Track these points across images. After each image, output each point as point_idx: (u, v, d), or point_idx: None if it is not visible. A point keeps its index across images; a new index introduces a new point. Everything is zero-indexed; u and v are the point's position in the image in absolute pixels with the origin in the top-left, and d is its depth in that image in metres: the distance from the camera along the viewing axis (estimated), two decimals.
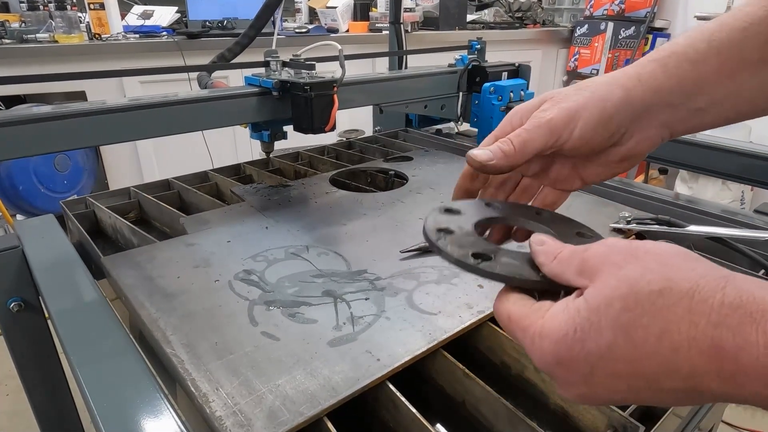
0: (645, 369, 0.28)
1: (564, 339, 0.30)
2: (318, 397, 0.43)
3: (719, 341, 0.25)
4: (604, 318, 0.29)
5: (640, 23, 2.95)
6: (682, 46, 0.41)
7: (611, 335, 0.28)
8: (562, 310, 0.31)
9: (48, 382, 0.76)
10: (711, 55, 0.40)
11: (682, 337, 0.26)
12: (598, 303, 0.29)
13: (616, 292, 0.29)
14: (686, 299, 0.27)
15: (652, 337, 0.27)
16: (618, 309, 0.28)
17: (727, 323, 0.25)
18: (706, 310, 0.26)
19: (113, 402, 0.43)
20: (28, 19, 2.20)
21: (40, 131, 0.68)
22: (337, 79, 0.85)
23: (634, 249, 0.30)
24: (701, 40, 0.40)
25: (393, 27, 1.41)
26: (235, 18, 2.42)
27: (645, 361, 0.28)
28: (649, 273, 0.29)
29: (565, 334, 0.30)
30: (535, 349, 0.31)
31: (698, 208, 0.82)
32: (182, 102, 0.79)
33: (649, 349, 0.27)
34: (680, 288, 0.27)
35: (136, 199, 0.91)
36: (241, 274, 0.63)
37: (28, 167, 2.10)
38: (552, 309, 0.31)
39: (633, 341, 0.28)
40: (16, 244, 0.67)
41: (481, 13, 3.23)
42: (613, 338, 0.28)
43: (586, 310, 0.30)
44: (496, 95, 1.14)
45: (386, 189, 0.98)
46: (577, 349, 0.29)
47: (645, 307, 0.28)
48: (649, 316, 0.28)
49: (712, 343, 0.26)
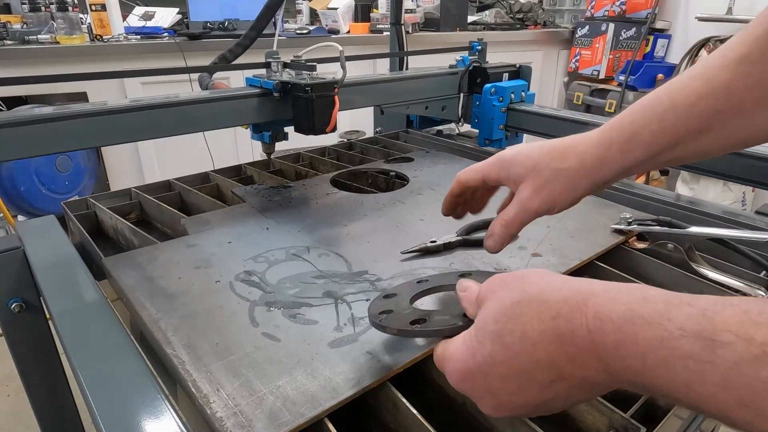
0: (519, 366, 0.34)
1: (461, 357, 0.38)
2: (319, 398, 0.43)
3: (558, 330, 0.32)
4: (484, 333, 0.36)
5: (641, 24, 2.94)
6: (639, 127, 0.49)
7: (490, 345, 0.36)
8: (461, 335, 0.39)
9: (49, 383, 0.76)
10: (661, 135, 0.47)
11: (535, 332, 0.33)
12: (480, 323, 0.37)
13: (490, 311, 0.37)
14: (535, 302, 0.34)
15: (516, 338, 0.34)
16: (491, 323, 0.36)
17: (562, 314, 0.32)
18: (548, 308, 0.33)
19: (114, 403, 0.43)
20: (29, 20, 2.20)
21: (41, 132, 0.68)
22: (338, 80, 0.85)
23: (505, 276, 0.39)
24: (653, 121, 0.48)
25: (394, 28, 1.41)
26: (236, 19, 2.43)
27: (516, 359, 0.34)
28: (512, 290, 0.37)
29: (461, 353, 0.38)
30: (447, 373, 0.39)
31: (699, 209, 0.82)
32: (183, 103, 0.79)
33: (516, 349, 0.34)
34: (530, 295, 0.35)
35: (137, 200, 0.91)
36: (242, 275, 0.63)
37: (30, 168, 2.10)
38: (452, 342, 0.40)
39: (505, 345, 0.35)
40: (17, 245, 0.67)
41: (481, 14, 3.23)
42: (491, 347, 0.35)
43: (474, 329, 0.38)
44: (497, 96, 1.14)
45: (387, 190, 0.98)
46: (470, 363, 0.37)
47: (508, 315, 0.35)
48: (512, 322, 0.35)
49: (555, 333, 0.33)
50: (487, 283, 0.40)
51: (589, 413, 0.46)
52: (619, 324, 0.30)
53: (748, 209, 2.57)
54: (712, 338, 0.26)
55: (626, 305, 0.30)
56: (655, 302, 0.29)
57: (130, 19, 2.44)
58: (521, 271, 0.39)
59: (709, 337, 0.26)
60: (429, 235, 0.74)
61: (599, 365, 0.31)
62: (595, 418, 0.45)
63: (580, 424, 0.46)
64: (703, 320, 0.27)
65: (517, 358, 0.34)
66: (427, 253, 0.69)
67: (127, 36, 2.25)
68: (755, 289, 0.62)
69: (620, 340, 0.29)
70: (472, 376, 0.37)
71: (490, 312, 0.37)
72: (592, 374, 0.32)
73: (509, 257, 0.68)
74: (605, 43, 3.03)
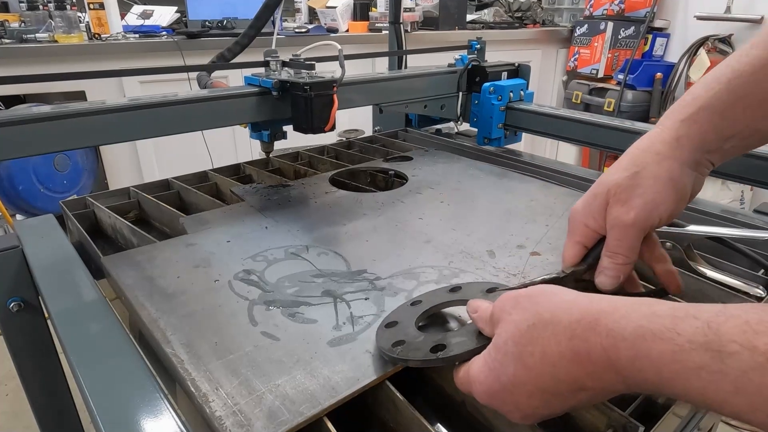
0: (543, 385, 0.36)
1: (486, 380, 0.39)
2: (318, 397, 0.43)
3: (575, 349, 0.34)
4: (505, 355, 0.38)
5: (639, 23, 2.94)
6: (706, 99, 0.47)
7: (512, 367, 0.37)
8: (481, 356, 0.41)
9: (47, 382, 0.76)
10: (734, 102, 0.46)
11: (554, 354, 0.35)
12: (499, 344, 0.39)
13: (508, 334, 0.39)
14: (550, 326, 0.36)
15: (537, 359, 0.36)
16: (511, 345, 0.38)
17: (577, 335, 0.34)
18: (562, 330, 0.35)
19: (113, 402, 0.43)
20: (27, 18, 2.20)
21: (39, 131, 0.68)
22: (337, 79, 0.85)
23: (516, 296, 0.40)
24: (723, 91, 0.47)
25: (393, 27, 1.41)
26: (234, 18, 2.42)
27: (540, 379, 0.36)
28: (526, 312, 0.38)
29: (486, 376, 0.39)
30: (475, 393, 0.41)
31: (698, 208, 0.82)
32: (182, 102, 0.79)
33: (538, 370, 0.36)
34: (544, 319, 0.37)
35: (135, 199, 0.91)
36: (241, 274, 0.63)
37: (28, 167, 2.10)
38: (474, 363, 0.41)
39: (526, 366, 0.37)
40: (15, 244, 0.67)
41: (480, 12, 3.22)
42: (514, 369, 0.37)
43: (494, 351, 0.40)
44: (496, 95, 1.14)
45: (386, 189, 0.97)
46: (496, 385, 0.39)
47: (526, 338, 0.37)
48: (531, 345, 0.37)
49: (572, 353, 0.34)
50: (499, 302, 0.41)
51: (588, 412, 0.46)
52: (631, 341, 0.31)
53: (746, 208, 2.57)
54: (720, 349, 0.28)
55: (636, 322, 0.32)
56: (663, 317, 0.31)
57: (128, 18, 2.43)
58: (529, 291, 0.40)
59: (716, 348, 0.28)
60: (428, 234, 0.74)
61: (617, 377, 0.33)
62: (595, 416, 0.45)
63: (580, 422, 0.46)
64: (709, 332, 0.29)
65: (540, 377, 0.36)
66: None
67: (125, 35, 2.25)
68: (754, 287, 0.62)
69: (635, 356, 0.31)
70: (500, 395, 0.39)
71: (508, 334, 0.39)
72: (611, 385, 0.34)
73: (508, 256, 0.68)
74: (604, 42, 3.03)
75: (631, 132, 0.94)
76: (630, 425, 0.42)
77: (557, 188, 0.94)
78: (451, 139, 1.25)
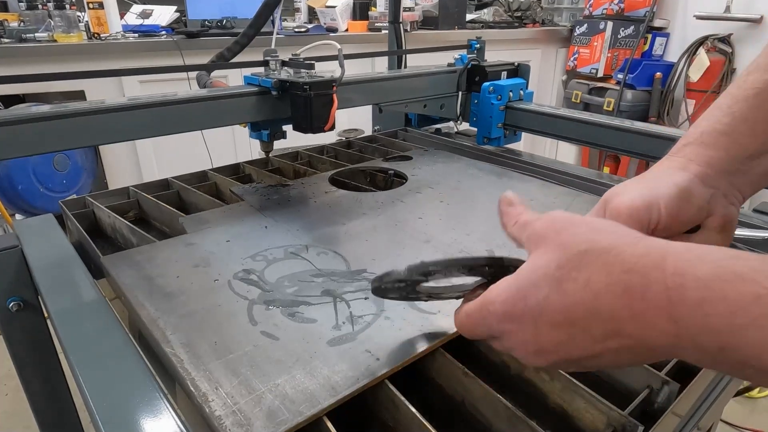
0: (575, 315, 0.33)
1: (509, 298, 0.36)
2: (317, 396, 0.43)
3: (629, 284, 0.31)
4: (542, 276, 0.35)
5: (639, 22, 2.94)
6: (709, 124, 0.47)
7: (547, 288, 0.34)
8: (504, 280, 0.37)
9: (47, 382, 0.75)
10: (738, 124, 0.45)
11: (601, 284, 0.32)
12: (538, 264, 0.35)
13: (552, 255, 0.35)
14: (604, 254, 0.32)
15: (579, 286, 0.33)
16: (553, 267, 0.34)
17: (636, 269, 0.31)
18: (619, 261, 0.32)
19: (112, 401, 0.43)
20: (26, 18, 2.20)
21: (39, 131, 0.68)
22: (337, 79, 0.85)
23: (572, 218, 0.37)
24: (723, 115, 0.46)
25: (392, 26, 1.41)
26: (234, 17, 2.42)
27: (574, 307, 0.33)
28: (578, 237, 0.35)
29: (510, 294, 0.36)
30: (489, 314, 0.38)
31: None
32: (181, 101, 0.79)
33: (576, 297, 0.33)
34: (600, 246, 0.33)
35: (135, 199, 0.91)
36: (241, 273, 0.63)
37: (27, 167, 2.09)
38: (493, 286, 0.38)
39: (564, 291, 0.33)
40: (15, 244, 0.67)
41: (480, 12, 3.22)
42: (548, 291, 0.34)
43: (527, 271, 0.36)
44: (496, 94, 1.14)
45: (386, 188, 0.97)
46: (521, 305, 0.35)
47: (573, 263, 0.33)
48: (576, 270, 0.33)
49: (624, 287, 0.31)
50: (549, 218, 0.38)
51: (588, 411, 0.46)
52: (705, 281, 0.28)
53: (745, 207, 2.57)
54: None
55: (715, 263, 0.29)
56: (751, 260, 0.28)
57: (127, 17, 2.43)
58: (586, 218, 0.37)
59: None
60: (428, 233, 0.74)
61: (668, 325, 0.29)
62: (594, 416, 0.45)
63: (579, 422, 0.46)
64: None
65: (574, 306, 0.33)
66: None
67: (124, 34, 2.25)
68: None
69: (705, 298, 0.28)
70: (520, 319, 0.35)
71: (551, 255, 0.35)
72: (655, 335, 0.30)
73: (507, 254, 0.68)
74: (603, 42, 3.03)
75: (630, 132, 0.94)
76: (630, 425, 0.42)
77: (557, 188, 0.94)
78: (451, 139, 1.25)
